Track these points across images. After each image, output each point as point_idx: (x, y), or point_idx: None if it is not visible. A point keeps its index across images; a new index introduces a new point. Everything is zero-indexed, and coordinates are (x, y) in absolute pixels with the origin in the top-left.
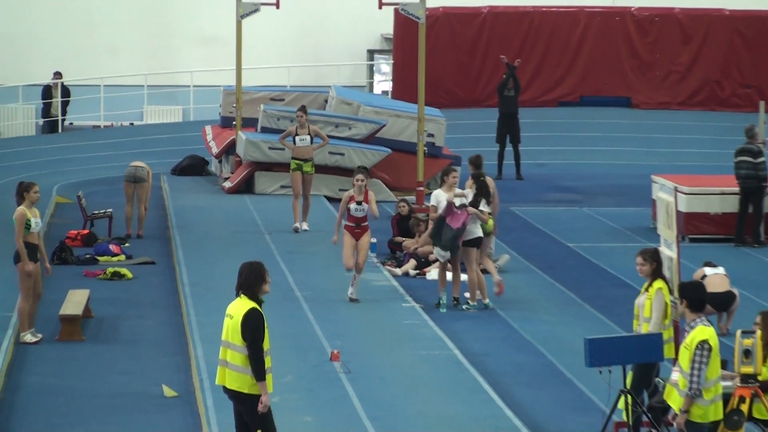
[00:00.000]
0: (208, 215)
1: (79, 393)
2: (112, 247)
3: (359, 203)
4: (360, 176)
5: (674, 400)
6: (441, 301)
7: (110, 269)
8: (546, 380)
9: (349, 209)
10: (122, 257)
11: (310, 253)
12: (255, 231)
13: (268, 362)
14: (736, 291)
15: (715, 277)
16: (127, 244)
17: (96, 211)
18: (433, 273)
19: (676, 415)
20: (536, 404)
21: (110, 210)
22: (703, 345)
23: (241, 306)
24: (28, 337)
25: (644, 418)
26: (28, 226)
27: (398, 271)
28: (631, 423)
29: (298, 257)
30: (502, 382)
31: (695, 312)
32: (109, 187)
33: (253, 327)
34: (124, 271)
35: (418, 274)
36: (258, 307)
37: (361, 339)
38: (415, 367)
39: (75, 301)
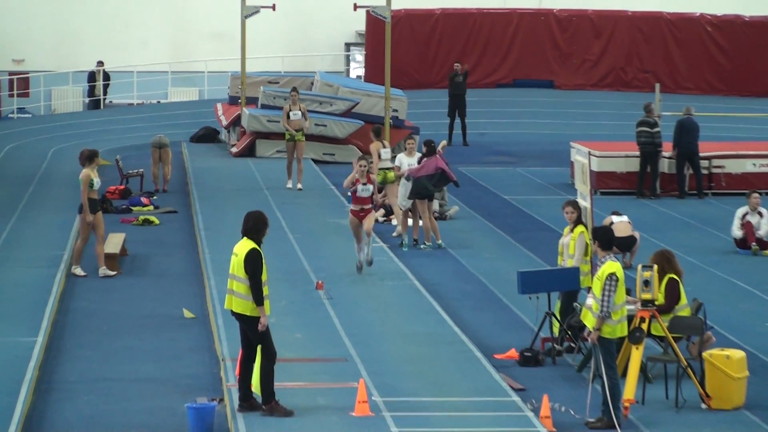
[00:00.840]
0: (219, 174)
1: (116, 315)
2: (143, 200)
3: (364, 184)
4: (363, 162)
5: (589, 320)
6: (403, 242)
7: (141, 217)
8: (487, 305)
9: (355, 191)
10: (151, 207)
11: (299, 204)
12: (256, 187)
13: (265, 291)
14: (637, 234)
15: (620, 224)
16: (155, 197)
17: (130, 171)
18: (395, 220)
19: (590, 332)
20: (479, 324)
21: (141, 170)
22: (612, 277)
23: (244, 246)
24: (78, 271)
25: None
26: (91, 185)
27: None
28: (555, 337)
29: (289, 207)
30: (452, 306)
31: (605, 250)
32: (140, 152)
33: (253, 263)
34: (152, 218)
35: (385, 220)
36: (258, 248)
37: (341, 272)
38: (383, 294)
39: (114, 243)
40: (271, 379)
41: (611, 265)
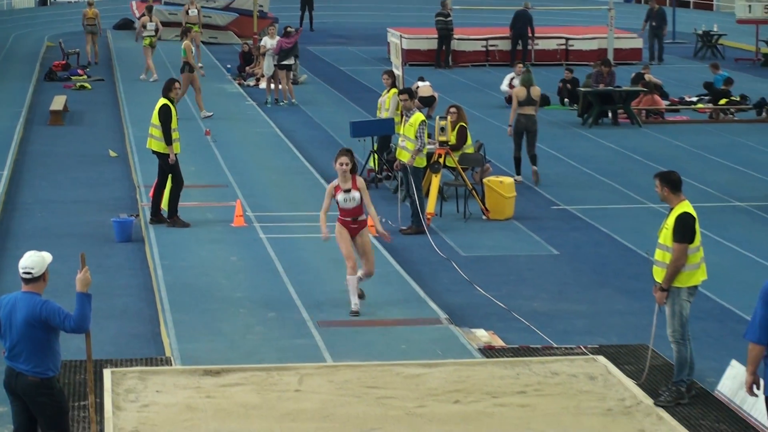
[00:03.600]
0: (133, 53)
1: (61, 155)
2: (79, 71)
3: (347, 191)
4: (343, 159)
5: (404, 155)
6: (267, 101)
7: (78, 84)
8: (327, 146)
9: (337, 202)
10: (85, 77)
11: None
12: (161, 62)
13: (176, 135)
14: (436, 94)
15: (424, 87)
16: (88, 69)
17: (69, 50)
18: (262, 84)
19: (403, 164)
20: (322, 159)
21: (78, 49)
22: (423, 122)
23: (159, 101)
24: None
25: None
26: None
27: (246, 83)
28: (376, 169)
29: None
30: (303, 147)
31: (412, 100)
32: (78, 36)
33: (164, 114)
34: (86, 84)
35: (255, 84)
36: (169, 103)
37: (226, 126)
38: (253, 138)
39: (58, 102)
40: (176, 200)
41: (419, 115)
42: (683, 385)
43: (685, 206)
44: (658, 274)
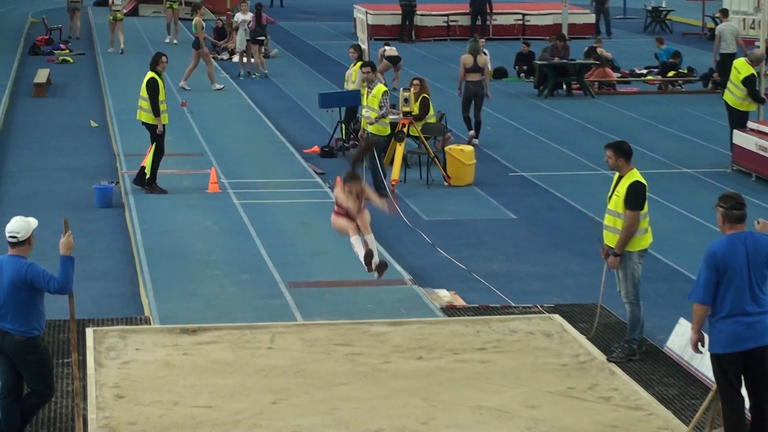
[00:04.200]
0: None
1: (45, 125)
2: (62, 46)
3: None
4: (351, 185)
5: (373, 127)
6: (240, 73)
7: (60, 58)
8: (297, 116)
9: (337, 200)
10: (67, 51)
11: (173, 48)
12: (139, 38)
13: (163, 107)
14: (401, 57)
15: (390, 50)
16: (70, 44)
17: (52, 26)
18: (235, 58)
19: (369, 133)
20: (293, 129)
21: (60, 25)
22: (385, 93)
23: (147, 75)
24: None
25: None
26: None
27: (219, 56)
28: (344, 138)
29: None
30: (274, 117)
31: (374, 72)
32: (60, 12)
33: (151, 87)
34: (68, 58)
35: (228, 58)
36: (156, 76)
37: (202, 98)
38: (227, 109)
39: (42, 75)
40: (156, 168)
41: (381, 86)
42: (635, 342)
43: (636, 175)
44: (609, 239)
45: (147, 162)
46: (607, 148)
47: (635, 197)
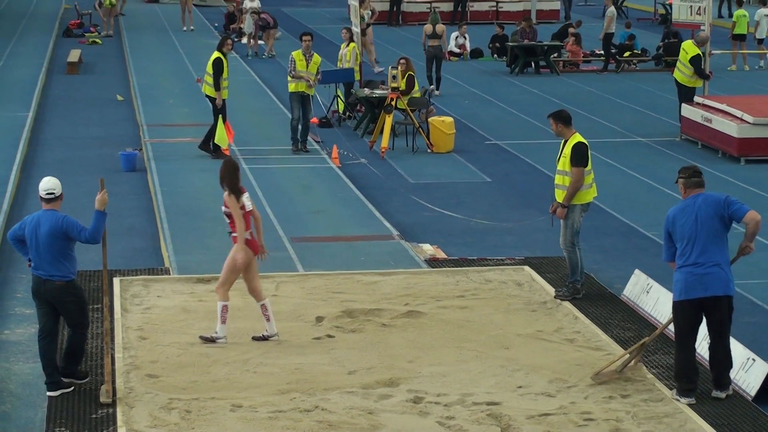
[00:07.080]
0: (138, 13)
1: (76, 98)
2: (92, 29)
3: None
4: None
5: (302, 87)
6: (249, 53)
7: (90, 40)
8: None
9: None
10: (96, 34)
11: (188, 34)
12: (159, 22)
13: (225, 84)
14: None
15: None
16: (98, 27)
17: (84, 11)
18: (244, 40)
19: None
20: None
21: (90, 11)
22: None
23: (213, 55)
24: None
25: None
26: None
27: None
28: (340, 111)
29: (182, 36)
30: (278, 92)
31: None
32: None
33: (216, 66)
34: (98, 40)
35: (238, 40)
36: (221, 56)
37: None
38: (234, 86)
39: (74, 54)
40: (213, 134)
41: (318, 57)
42: (578, 282)
43: (578, 137)
44: (560, 196)
45: (219, 130)
46: (549, 117)
47: (578, 155)
